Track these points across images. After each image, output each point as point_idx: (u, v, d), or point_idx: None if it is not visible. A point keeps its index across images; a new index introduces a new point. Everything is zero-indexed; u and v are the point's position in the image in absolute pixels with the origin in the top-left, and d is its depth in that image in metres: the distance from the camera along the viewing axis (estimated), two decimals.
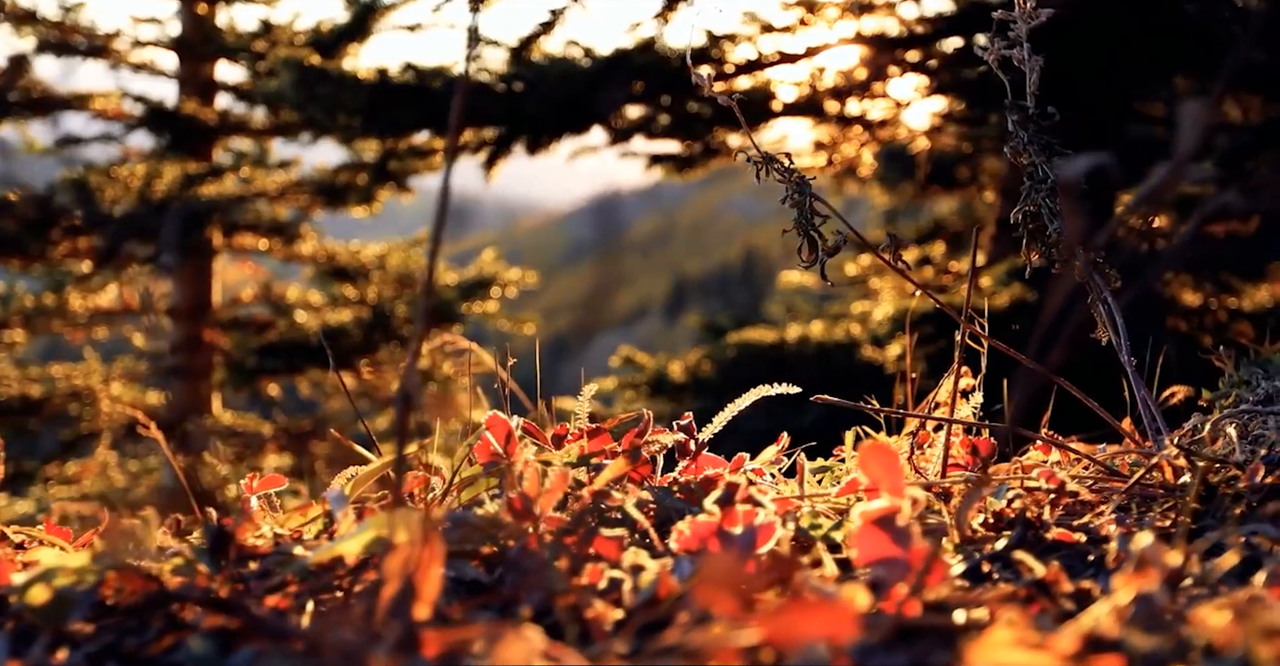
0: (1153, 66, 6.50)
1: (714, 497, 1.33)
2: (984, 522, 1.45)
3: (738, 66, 5.89)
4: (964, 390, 2.26)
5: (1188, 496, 1.45)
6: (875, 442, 1.16)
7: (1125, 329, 1.77)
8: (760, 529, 1.25)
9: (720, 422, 1.92)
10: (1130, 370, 1.73)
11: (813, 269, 1.73)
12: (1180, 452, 1.43)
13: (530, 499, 1.30)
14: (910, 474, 1.77)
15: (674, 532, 1.26)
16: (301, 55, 5.72)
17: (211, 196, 8.00)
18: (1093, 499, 1.44)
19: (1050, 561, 1.34)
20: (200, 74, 9.47)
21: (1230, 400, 1.98)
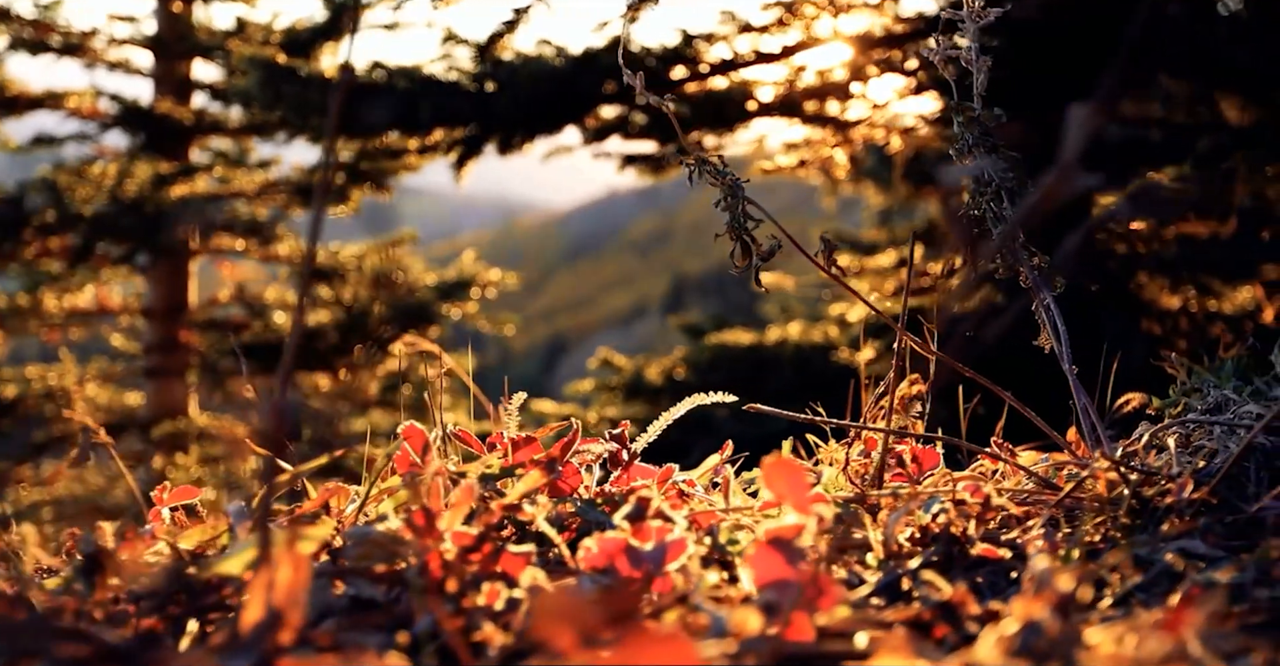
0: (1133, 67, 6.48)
1: (624, 513, 1.28)
2: (911, 537, 1.41)
3: (713, 66, 5.85)
4: (914, 396, 2.23)
5: (1119, 511, 1.42)
6: (779, 458, 1.12)
7: (1067, 335, 1.73)
8: (671, 545, 1.21)
9: (655, 431, 1.87)
10: (1071, 378, 1.69)
11: (746, 274, 1.69)
12: (1111, 466, 1.39)
13: (432, 514, 1.26)
14: (845, 486, 1.73)
15: (580, 549, 1.22)
16: (268, 54, 5.66)
17: (185, 196, 7.93)
18: (1019, 513, 1.40)
19: (966, 580, 1.30)
20: (176, 72, 9.39)
21: (1179, 408, 1.94)
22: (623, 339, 50.31)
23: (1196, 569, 1.23)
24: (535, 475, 1.40)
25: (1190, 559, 1.27)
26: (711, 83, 5.99)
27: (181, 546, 1.43)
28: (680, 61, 5.70)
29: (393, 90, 5.24)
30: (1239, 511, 1.41)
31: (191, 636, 1.11)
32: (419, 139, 5.70)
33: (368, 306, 8.73)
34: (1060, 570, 0.85)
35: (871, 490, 1.76)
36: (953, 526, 1.37)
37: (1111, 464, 1.40)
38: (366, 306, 8.73)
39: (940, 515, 1.39)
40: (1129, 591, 1.19)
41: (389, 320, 8.51)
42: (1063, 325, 1.75)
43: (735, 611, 0.97)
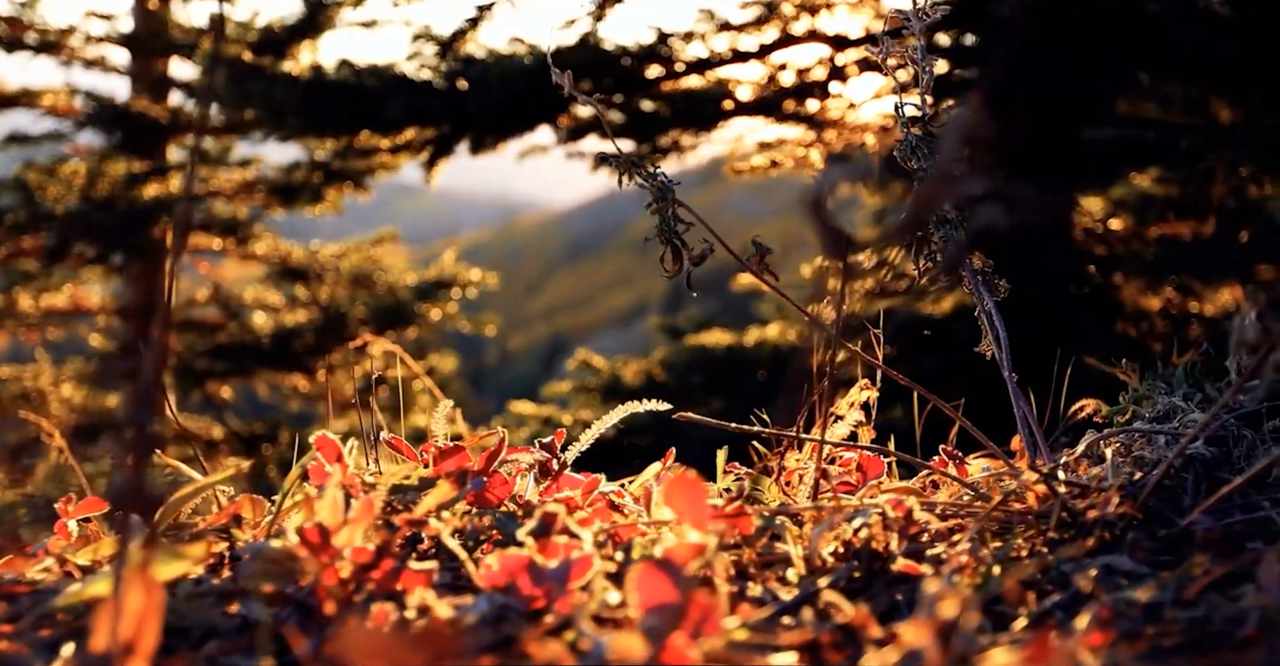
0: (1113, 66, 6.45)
1: (528, 528, 1.24)
2: (835, 552, 1.37)
3: (688, 65, 5.80)
4: (864, 403, 2.19)
5: (1048, 524, 1.38)
6: (681, 475, 1.07)
7: (1008, 342, 1.69)
8: (576, 563, 1.16)
9: (588, 440, 1.83)
10: (1011, 385, 1.65)
11: (678, 279, 1.65)
12: (1040, 478, 1.35)
13: (327, 531, 1.21)
14: (778, 497, 1.68)
15: (481, 567, 1.18)
16: (234, 51, 5.59)
17: (159, 195, 7.85)
18: (942, 527, 1.36)
19: (886, 597, 1.26)
20: (152, 70, 9.31)
21: (1127, 416, 1.90)
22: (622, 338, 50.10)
23: (1118, 586, 1.19)
24: (445, 488, 1.35)
25: (1115, 575, 1.23)
26: (687, 81, 5.94)
27: (78, 562, 1.38)
28: (655, 60, 5.65)
29: (360, 89, 5.18)
30: (1173, 525, 1.37)
31: (65, 662, 1.06)
32: (390, 138, 5.65)
33: (345, 307, 8.66)
34: (947, 594, 0.81)
35: (806, 501, 1.72)
36: (874, 541, 1.33)
37: (1040, 476, 1.36)
38: (343, 307, 8.66)
39: (863, 529, 1.35)
40: (1047, 610, 1.15)
41: (367, 321, 8.45)
42: (1003, 331, 1.71)
43: (618, 637, 0.92)
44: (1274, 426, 1.69)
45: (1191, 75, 5.71)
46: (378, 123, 5.34)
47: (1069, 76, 5.97)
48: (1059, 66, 5.76)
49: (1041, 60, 5.60)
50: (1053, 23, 5.44)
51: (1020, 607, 1.16)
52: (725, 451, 1.76)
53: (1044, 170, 6.01)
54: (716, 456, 1.90)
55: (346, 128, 5.46)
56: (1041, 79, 5.68)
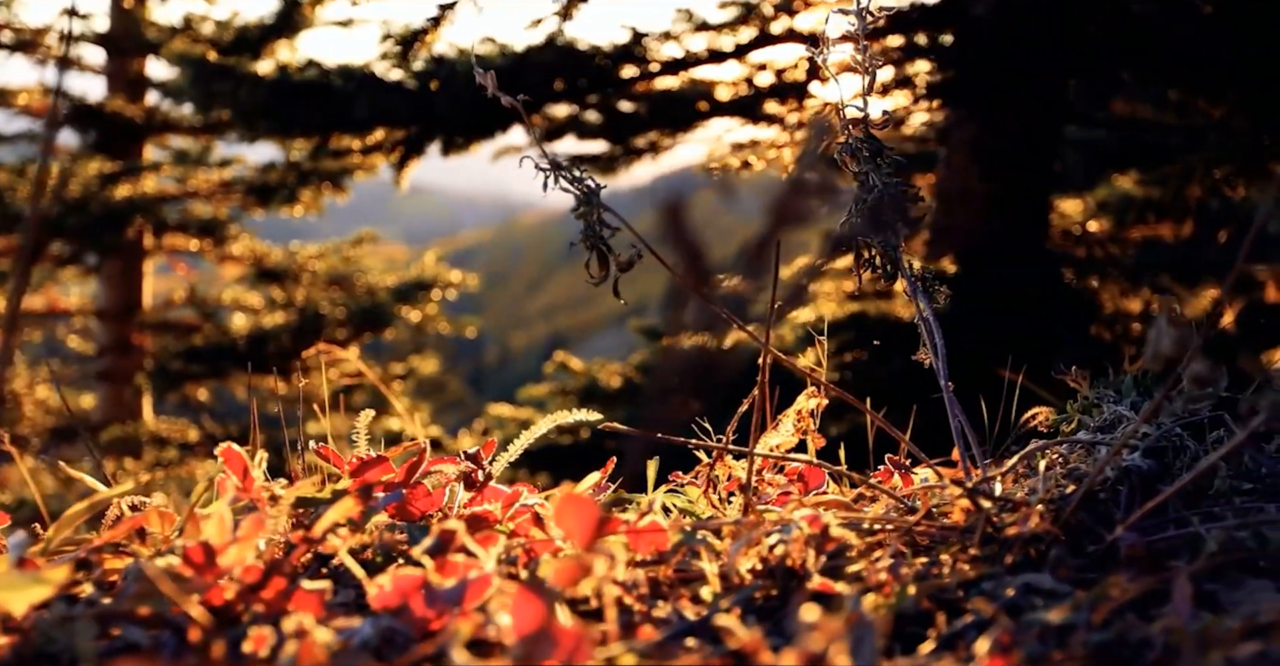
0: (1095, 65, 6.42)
1: (424, 546, 1.19)
2: (753, 569, 1.32)
3: (663, 65, 5.75)
4: (813, 411, 2.15)
5: (972, 540, 1.33)
6: (570, 493, 1.03)
7: (945, 350, 1.65)
8: (473, 583, 1.12)
9: (516, 451, 1.78)
10: (947, 394, 1.61)
11: (604, 285, 1.60)
12: (964, 492, 1.31)
13: (212, 549, 1.16)
14: (705, 509, 1.64)
15: (373, 587, 1.13)
16: (199, 51, 5.52)
17: (133, 196, 7.77)
18: (861, 544, 1.31)
19: (777, 621, 1.21)
20: (128, 70, 9.22)
21: (1073, 425, 1.86)
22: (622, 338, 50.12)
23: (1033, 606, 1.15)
24: (348, 503, 1.30)
25: (1033, 594, 1.19)
26: (664, 82, 5.89)
27: None
28: (630, 60, 5.60)
29: (328, 89, 5.12)
30: (1102, 540, 1.33)
31: None
32: (360, 139, 5.59)
33: (321, 308, 8.59)
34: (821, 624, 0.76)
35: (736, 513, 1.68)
36: (789, 559, 1.28)
37: (964, 491, 1.32)
38: (320, 308, 8.59)
39: (779, 546, 1.31)
40: (958, 632, 1.11)
41: (344, 322, 8.37)
42: (941, 339, 1.67)
43: None
44: (1218, 437, 1.65)
45: (1170, 75, 5.68)
46: (347, 123, 5.28)
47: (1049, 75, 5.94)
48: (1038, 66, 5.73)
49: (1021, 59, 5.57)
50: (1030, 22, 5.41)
51: (930, 629, 1.12)
52: (656, 462, 1.72)
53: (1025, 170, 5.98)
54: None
55: (315, 128, 5.40)
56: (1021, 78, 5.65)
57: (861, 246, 1.84)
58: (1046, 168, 6.01)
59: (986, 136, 5.58)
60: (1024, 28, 5.24)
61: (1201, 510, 1.44)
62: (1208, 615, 1.09)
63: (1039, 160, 5.83)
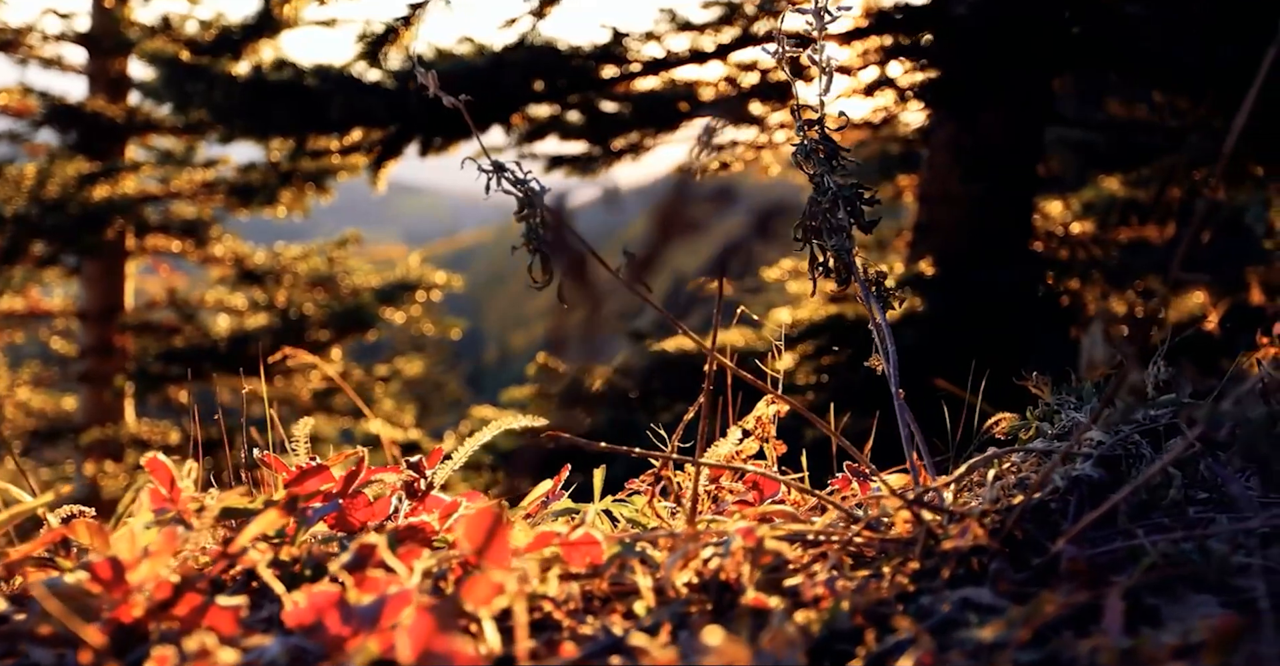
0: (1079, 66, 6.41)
1: (342, 562, 1.16)
2: (689, 583, 1.29)
3: (644, 65, 5.71)
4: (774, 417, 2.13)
5: (913, 553, 1.30)
6: (480, 509, 0.99)
7: (897, 356, 1.62)
8: (391, 599, 1.08)
9: (460, 459, 1.75)
10: (897, 402, 1.58)
11: (546, 289, 1.56)
12: (903, 504, 1.28)
13: (121, 565, 1.13)
14: (651, 519, 1.61)
15: (287, 604, 1.10)
16: (171, 50, 5.47)
17: (112, 196, 7.71)
18: (798, 558, 1.28)
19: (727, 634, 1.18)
20: (109, 70, 9.17)
21: (1031, 433, 1.83)
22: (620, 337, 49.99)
23: (967, 623, 1.12)
24: (271, 515, 1.27)
25: (970, 610, 1.16)
26: (646, 82, 5.86)
27: None
28: (610, 60, 5.56)
29: (303, 89, 5.08)
30: (1045, 553, 1.30)
31: None
32: (337, 139, 5.54)
33: (303, 310, 8.53)
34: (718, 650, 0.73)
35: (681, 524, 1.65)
36: (723, 572, 1.25)
37: (904, 502, 1.29)
38: (302, 310, 8.53)
39: (714, 559, 1.28)
40: (888, 649, 1.08)
41: (326, 324, 8.32)
42: (893, 346, 1.64)
43: None
44: (1189, 443, 1.62)
45: (1152, 76, 5.67)
46: (323, 124, 5.24)
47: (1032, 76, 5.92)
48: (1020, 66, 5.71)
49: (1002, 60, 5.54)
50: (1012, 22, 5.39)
51: (859, 647, 1.08)
52: (603, 471, 1.68)
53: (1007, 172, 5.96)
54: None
55: (291, 129, 5.35)
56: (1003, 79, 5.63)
57: (815, 250, 1.81)
58: (1030, 169, 5.99)
59: (966, 137, 5.56)
60: (1006, 28, 5.22)
61: (1152, 521, 1.41)
62: (1148, 630, 1.06)
63: (1022, 161, 5.81)
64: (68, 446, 8.73)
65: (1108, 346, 1.37)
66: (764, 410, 2.10)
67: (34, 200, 7.28)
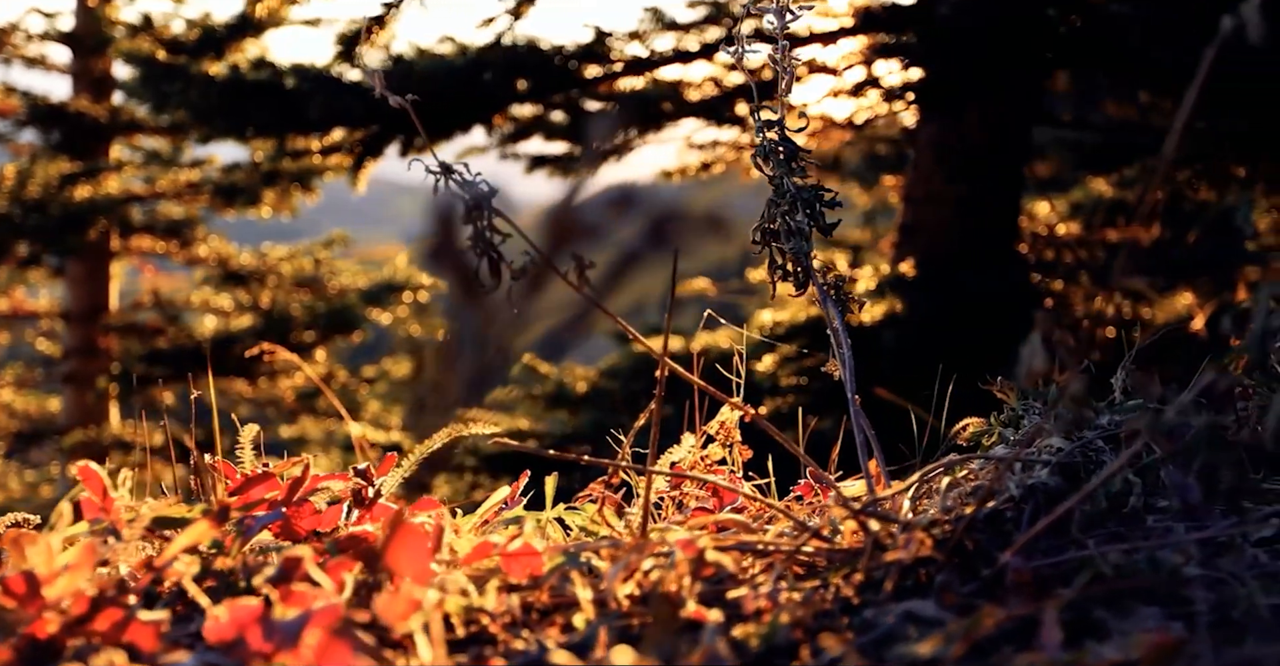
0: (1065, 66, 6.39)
1: (266, 575, 1.13)
2: (631, 595, 1.26)
3: (627, 64, 5.68)
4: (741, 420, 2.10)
5: (859, 565, 1.27)
6: (404, 525, 0.96)
7: (853, 362, 1.59)
8: (315, 614, 1.05)
9: (409, 467, 1.71)
10: (852, 407, 1.55)
11: (496, 294, 1.53)
12: (849, 514, 1.25)
13: (36, 578, 1.09)
14: (603, 527, 1.58)
15: (208, 619, 1.06)
16: (147, 49, 5.43)
17: (94, 196, 7.66)
18: (757, 567, 1.25)
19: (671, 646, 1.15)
20: (93, 69, 9.11)
21: (994, 439, 1.80)
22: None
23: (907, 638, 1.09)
24: (201, 527, 1.23)
25: (914, 623, 1.13)
26: (630, 82, 5.82)
27: None
28: (594, 60, 5.53)
29: (282, 89, 5.04)
30: (995, 563, 1.27)
31: None
32: (317, 139, 5.51)
33: (288, 311, 8.48)
34: None
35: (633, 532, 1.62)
36: (663, 584, 1.22)
37: (850, 512, 1.26)
38: (287, 311, 8.48)
39: (654, 571, 1.25)
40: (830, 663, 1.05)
41: (311, 325, 8.28)
42: (849, 351, 1.61)
43: None
44: (1136, 452, 1.59)
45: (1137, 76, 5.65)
46: (302, 124, 5.20)
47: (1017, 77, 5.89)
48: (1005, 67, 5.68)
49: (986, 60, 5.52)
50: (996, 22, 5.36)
51: (794, 662, 1.06)
52: (554, 478, 1.65)
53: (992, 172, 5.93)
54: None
55: (270, 129, 5.32)
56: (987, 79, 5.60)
57: (775, 253, 1.79)
58: (1015, 170, 5.97)
59: (949, 137, 5.54)
60: (988, 28, 5.19)
61: (1108, 530, 1.38)
62: (1091, 644, 1.03)
63: (1007, 162, 5.79)
64: (52, 448, 8.68)
65: (1048, 353, 1.35)
66: (728, 415, 2.07)
67: (15, 200, 7.23)
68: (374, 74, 1.70)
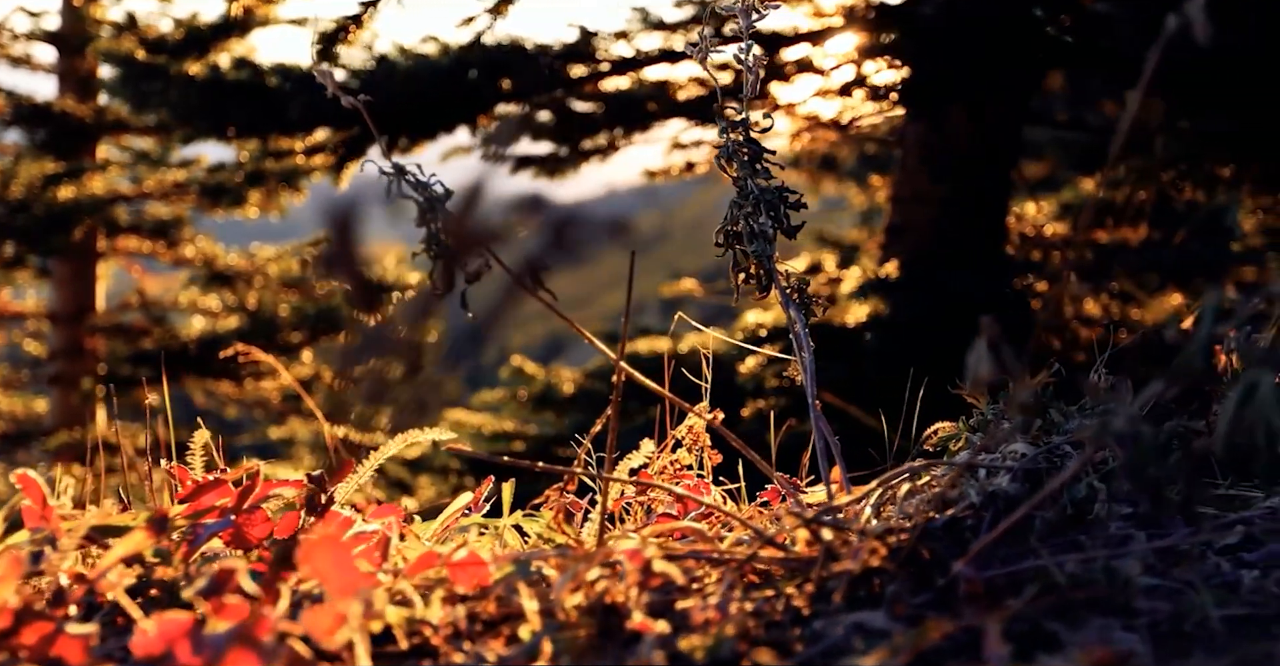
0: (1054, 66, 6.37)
1: (197, 588, 1.10)
2: (579, 606, 1.24)
3: (613, 64, 5.65)
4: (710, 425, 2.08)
5: (812, 574, 1.25)
6: (323, 535, 0.94)
7: (814, 368, 1.57)
8: (246, 627, 1.02)
9: (367, 471, 1.69)
10: (813, 413, 1.53)
11: (450, 298, 1.51)
12: (801, 522, 1.22)
13: None
14: (559, 535, 1.55)
15: (135, 633, 1.04)
16: (126, 49, 5.40)
17: (79, 197, 7.61)
18: (685, 582, 1.23)
19: (613, 661, 1.13)
20: (79, 69, 9.07)
21: (961, 444, 1.78)
22: None
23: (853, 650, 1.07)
24: (138, 537, 1.21)
25: (862, 635, 1.11)
26: (614, 81, 5.80)
27: None
28: (579, 59, 5.50)
29: (263, 89, 5.01)
30: (949, 573, 1.24)
31: None
32: (299, 139, 5.47)
33: (275, 311, 8.45)
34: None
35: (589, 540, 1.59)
36: (608, 595, 1.20)
37: (801, 521, 1.23)
38: (274, 311, 8.44)
39: (600, 582, 1.22)
40: None
41: (298, 326, 8.24)
42: (810, 355, 1.59)
43: None
44: (1101, 458, 1.57)
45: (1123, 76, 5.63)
46: (283, 123, 5.17)
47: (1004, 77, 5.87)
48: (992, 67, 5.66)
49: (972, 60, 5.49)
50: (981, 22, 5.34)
51: None
52: (512, 484, 1.63)
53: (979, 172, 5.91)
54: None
55: (251, 129, 5.29)
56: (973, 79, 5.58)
57: (738, 255, 1.77)
58: (1002, 169, 5.94)
59: (934, 137, 5.52)
60: (974, 28, 5.17)
61: (1069, 538, 1.36)
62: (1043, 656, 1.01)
63: (993, 162, 5.77)
64: (39, 449, 8.64)
65: (995, 360, 1.33)
66: (696, 420, 2.06)
67: None
68: (326, 75, 1.67)
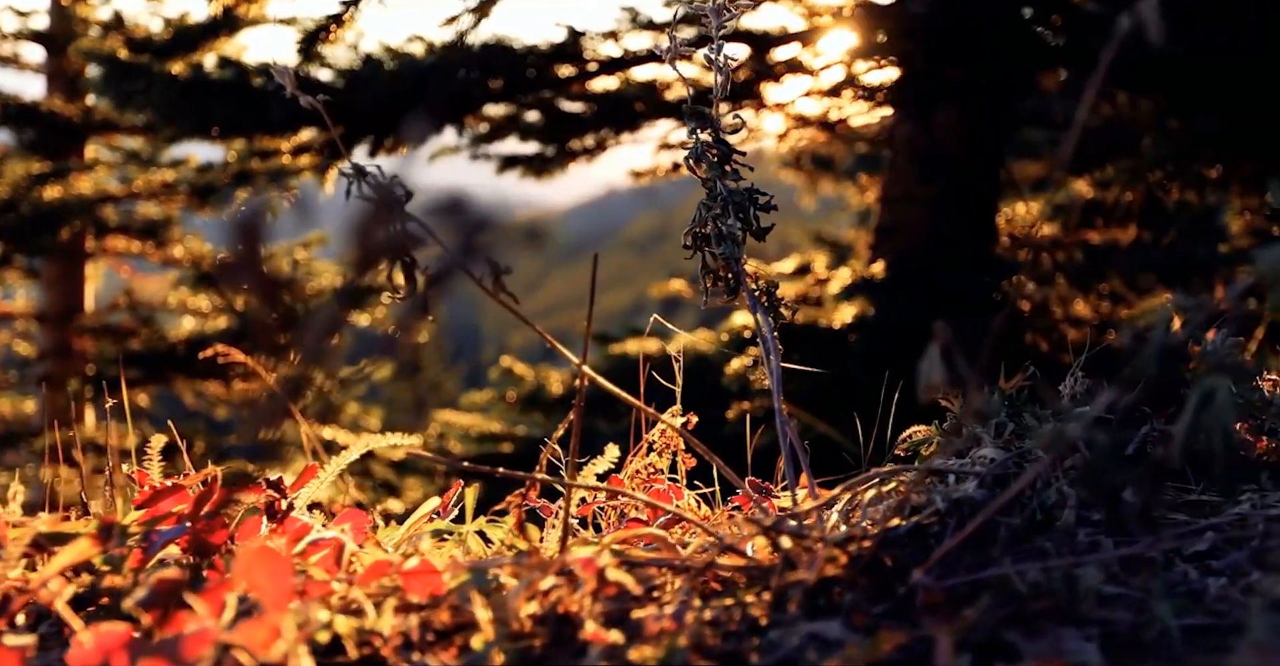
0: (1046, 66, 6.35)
1: (138, 598, 1.08)
2: (533, 615, 1.22)
3: (601, 64, 5.63)
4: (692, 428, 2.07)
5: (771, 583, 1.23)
6: (262, 547, 0.92)
7: (780, 372, 1.55)
8: (188, 638, 1.00)
9: (328, 477, 1.67)
10: (779, 416, 1.51)
11: (409, 301, 1.48)
12: (760, 530, 1.20)
13: None
14: (521, 543, 1.53)
15: (72, 645, 1.02)
16: (108, 48, 5.37)
17: (66, 196, 7.58)
18: (639, 591, 1.21)
19: None
20: (67, 68, 9.04)
21: (933, 448, 1.77)
22: None
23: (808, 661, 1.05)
24: (82, 545, 1.19)
25: (818, 645, 1.09)
26: (602, 81, 5.78)
27: None
28: (567, 59, 5.48)
29: (247, 88, 4.98)
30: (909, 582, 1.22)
31: None
32: (284, 139, 5.44)
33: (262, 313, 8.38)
34: None
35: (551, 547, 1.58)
36: (561, 604, 1.18)
37: (760, 528, 1.21)
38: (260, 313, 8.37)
39: (553, 591, 1.20)
40: None
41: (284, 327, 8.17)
42: (777, 360, 1.57)
43: None
44: (1071, 465, 1.55)
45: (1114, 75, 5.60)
46: (267, 123, 5.14)
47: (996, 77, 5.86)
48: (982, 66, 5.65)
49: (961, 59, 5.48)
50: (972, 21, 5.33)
51: None
52: (476, 489, 1.61)
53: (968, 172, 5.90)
54: None
55: (235, 129, 5.26)
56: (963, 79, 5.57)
57: (707, 257, 1.75)
58: (991, 170, 5.93)
59: (923, 137, 5.50)
60: (963, 28, 5.16)
61: (1035, 545, 1.34)
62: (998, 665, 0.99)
63: (982, 162, 5.75)
64: (28, 450, 8.61)
65: (947, 367, 1.32)
66: (671, 422, 2.04)
67: None
68: (284, 73, 1.65)
